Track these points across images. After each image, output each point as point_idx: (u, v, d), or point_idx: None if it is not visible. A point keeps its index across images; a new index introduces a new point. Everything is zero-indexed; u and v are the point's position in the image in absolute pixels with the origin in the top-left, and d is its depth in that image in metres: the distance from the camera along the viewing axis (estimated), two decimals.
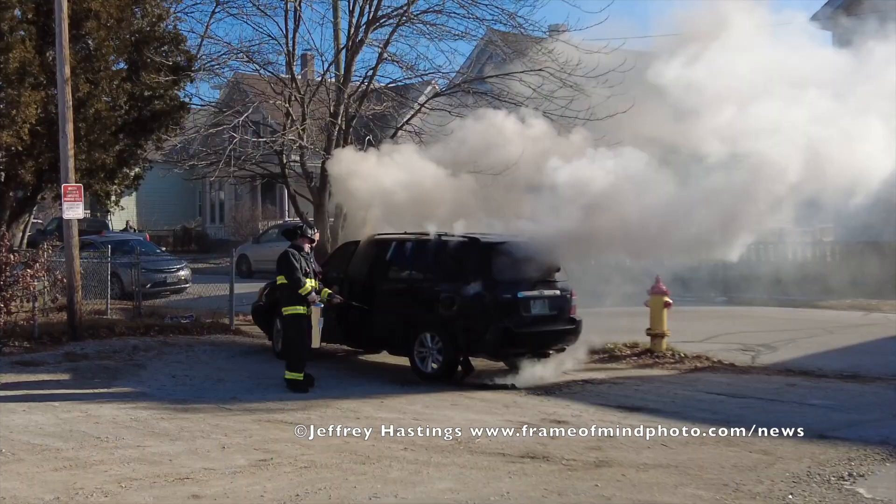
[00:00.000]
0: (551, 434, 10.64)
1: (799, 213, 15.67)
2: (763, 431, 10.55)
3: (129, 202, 42.31)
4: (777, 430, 10.56)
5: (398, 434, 10.62)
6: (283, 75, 20.92)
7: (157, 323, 18.80)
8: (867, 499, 8.24)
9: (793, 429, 10.69)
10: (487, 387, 13.81)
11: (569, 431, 10.79)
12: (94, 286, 20.01)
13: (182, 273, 25.34)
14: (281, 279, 13.78)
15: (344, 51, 20.25)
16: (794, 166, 13.13)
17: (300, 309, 13.59)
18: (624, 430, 10.84)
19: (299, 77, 20.92)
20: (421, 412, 11.96)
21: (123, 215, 44.04)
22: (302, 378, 13.53)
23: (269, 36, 20.61)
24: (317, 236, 14.95)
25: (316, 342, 13.87)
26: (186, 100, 22.02)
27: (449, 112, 19.88)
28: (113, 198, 23.44)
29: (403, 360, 14.97)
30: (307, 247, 14.08)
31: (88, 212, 37.42)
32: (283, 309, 13.80)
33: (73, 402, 12.56)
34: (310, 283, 13.62)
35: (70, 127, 17.07)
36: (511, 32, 20.94)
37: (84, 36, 19.75)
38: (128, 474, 8.89)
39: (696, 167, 14.14)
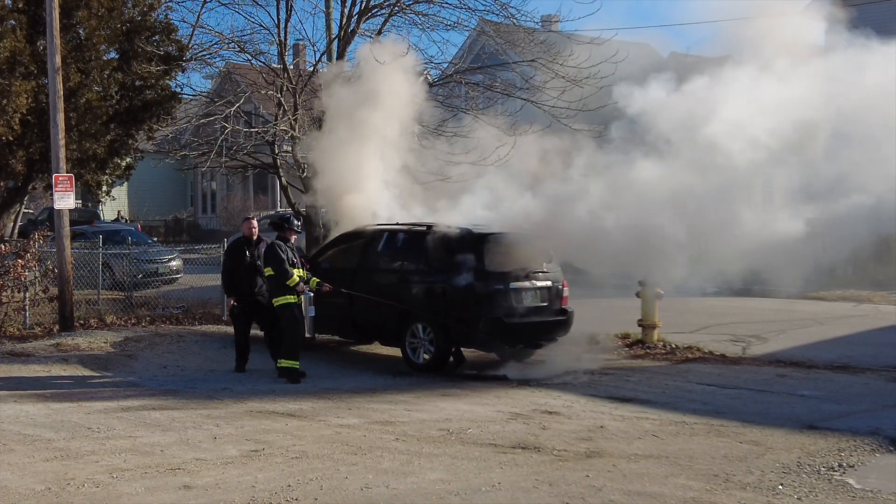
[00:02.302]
0: (543, 425, 10.67)
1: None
2: (753, 422, 10.62)
3: (120, 192, 42.25)
4: (767, 421, 10.63)
5: (389, 425, 10.64)
6: (275, 65, 20.87)
7: (148, 313, 18.79)
8: (857, 489, 8.27)
9: (783, 419, 10.76)
10: (479, 378, 13.83)
11: (560, 422, 10.82)
12: (85, 276, 19.98)
13: (174, 263, 25.32)
14: (268, 271, 13.79)
15: (336, 41, 20.21)
16: None
17: (291, 298, 13.59)
18: (615, 420, 10.89)
19: (291, 67, 20.87)
20: (412, 403, 11.97)
21: (115, 205, 43.99)
22: (297, 366, 13.54)
23: (261, 26, 20.57)
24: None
25: (308, 332, 13.89)
26: (178, 90, 21.95)
27: (441, 103, 19.88)
28: (104, 188, 23.38)
29: (395, 351, 14.99)
30: (293, 238, 14.11)
31: (80, 202, 37.31)
32: (274, 300, 13.80)
33: (64, 393, 12.56)
34: (297, 274, 13.64)
35: (61, 117, 17.01)
36: (503, 23, 20.92)
37: (75, 25, 19.68)
38: (119, 465, 8.88)
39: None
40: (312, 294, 13.89)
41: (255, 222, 14.82)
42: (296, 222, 14.34)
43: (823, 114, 13.01)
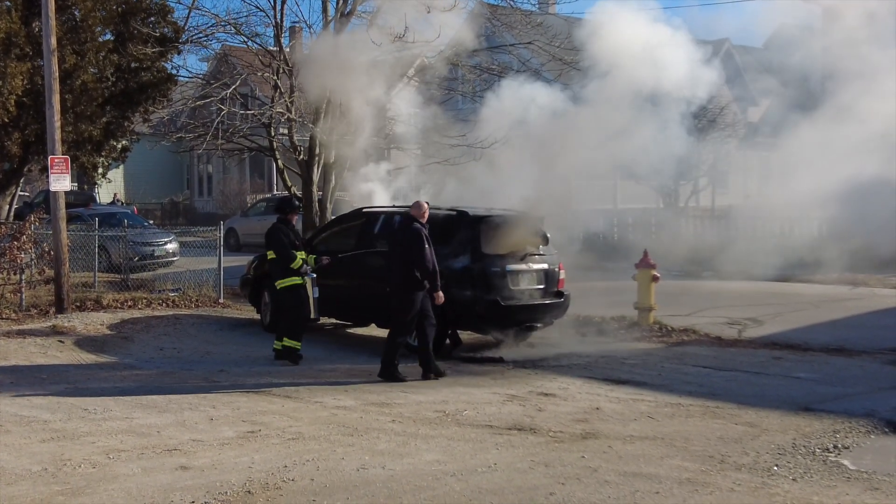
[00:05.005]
0: (539, 406, 10.68)
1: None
2: (749, 404, 10.66)
3: (116, 175, 42.12)
4: (763, 403, 10.67)
5: (386, 406, 10.66)
6: (272, 47, 20.82)
7: (144, 296, 18.78)
8: (852, 470, 8.30)
9: (778, 401, 10.78)
10: (475, 360, 13.84)
11: (556, 404, 10.84)
12: (81, 259, 19.95)
13: (170, 246, 25.28)
14: (270, 254, 13.73)
15: (332, 23, 20.15)
16: None
17: (296, 280, 13.50)
18: (611, 402, 10.90)
19: (287, 49, 20.82)
20: (409, 385, 11.98)
21: (111, 188, 43.87)
22: (300, 347, 13.50)
23: (257, 7, 20.50)
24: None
25: (314, 313, 13.80)
26: (174, 72, 21.98)
27: (437, 84, 19.85)
28: (100, 170, 23.37)
29: None
30: (294, 219, 14.06)
31: (75, 184, 37.31)
32: (278, 283, 13.68)
33: (61, 374, 12.57)
34: (300, 256, 13.59)
35: (56, 98, 16.95)
36: (500, 5, 20.88)
37: (70, 6, 19.62)
38: (115, 446, 8.89)
39: None
40: (315, 275, 13.83)
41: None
42: (297, 204, 14.27)
43: None
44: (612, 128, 14.24)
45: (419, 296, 12.29)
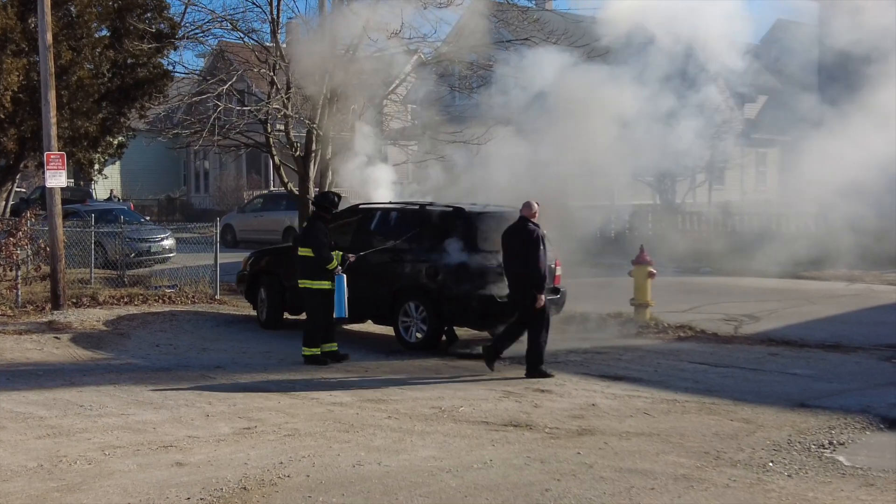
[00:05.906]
0: (534, 403, 10.69)
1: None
2: (744, 400, 10.67)
3: (112, 171, 42.12)
4: (758, 399, 10.69)
5: (382, 403, 10.66)
6: (268, 43, 20.77)
7: (140, 292, 18.75)
8: (847, 466, 8.31)
9: (774, 398, 10.80)
10: (471, 356, 13.83)
11: (552, 400, 10.84)
12: (77, 255, 19.93)
13: (166, 242, 25.26)
14: (306, 252, 13.19)
15: (329, 18, 20.10)
16: None
17: (325, 284, 13.12)
18: (607, 398, 10.91)
19: (284, 45, 20.77)
20: (405, 381, 11.99)
21: (107, 184, 43.86)
22: (319, 353, 13.19)
23: (254, 3, 20.42)
24: None
25: (346, 312, 13.32)
26: (170, 68, 21.93)
27: (435, 81, 19.83)
28: (96, 166, 23.36)
29: (388, 330, 14.99)
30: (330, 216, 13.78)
31: (72, 180, 37.25)
32: (304, 282, 13.23)
33: (57, 371, 12.56)
34: (336, 257, 13.20)
35: (52, 94, 16.91)
36: (497, 1, 20.84)
37: (66, 2, 19.61)
38: (111, 442, 8.89)
39: None
40: (345, 275, 13.32)
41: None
42: (337, 200, 13.88)
43: None
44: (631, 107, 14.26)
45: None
